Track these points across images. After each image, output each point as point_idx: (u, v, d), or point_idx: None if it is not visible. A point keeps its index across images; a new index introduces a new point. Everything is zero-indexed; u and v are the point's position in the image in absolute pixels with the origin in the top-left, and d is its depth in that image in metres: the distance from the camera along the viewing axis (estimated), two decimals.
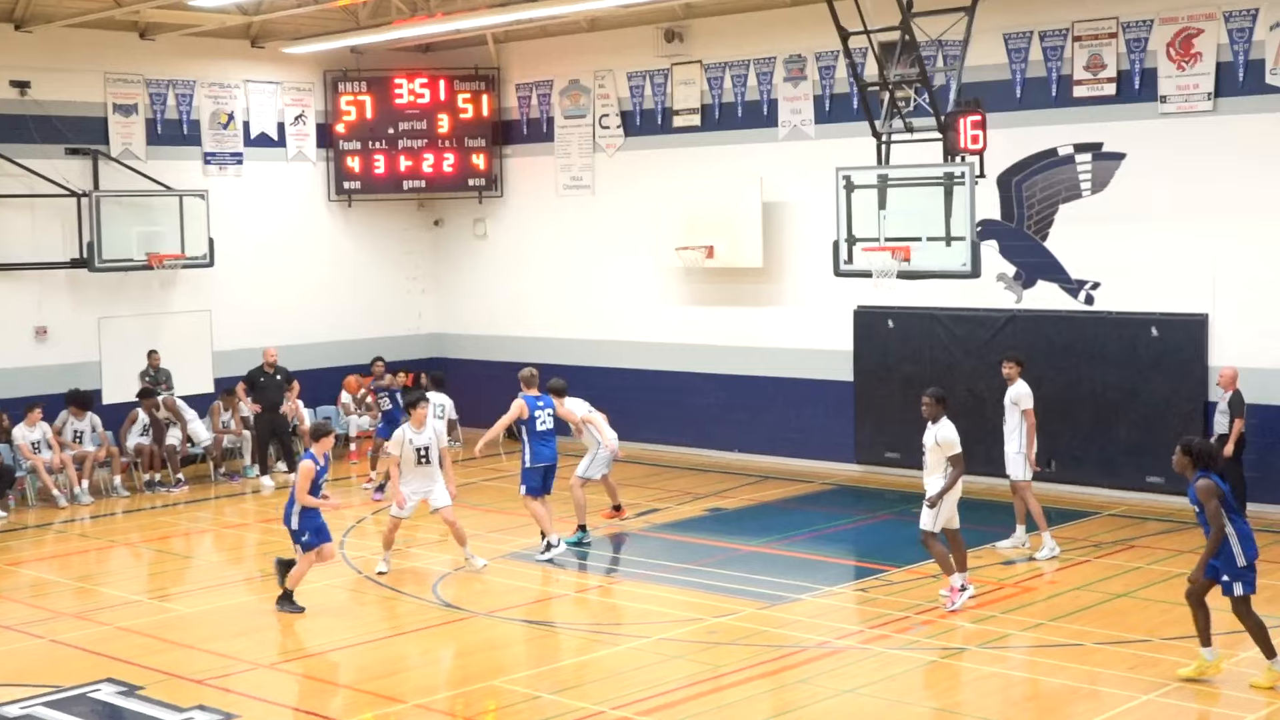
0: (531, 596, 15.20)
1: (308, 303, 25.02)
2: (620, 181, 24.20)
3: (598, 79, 24.32)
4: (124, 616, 14.67)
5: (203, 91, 23.72)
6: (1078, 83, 19.30)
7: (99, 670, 12.73)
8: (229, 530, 19.15)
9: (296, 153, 25.02)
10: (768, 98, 22.26)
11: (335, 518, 19.34)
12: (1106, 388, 19.23)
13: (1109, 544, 16.73)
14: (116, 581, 16.40)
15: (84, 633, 14.06)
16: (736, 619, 13.94)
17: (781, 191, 22.09)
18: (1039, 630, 13.34)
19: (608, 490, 17.69)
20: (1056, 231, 19.67)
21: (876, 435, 21.35)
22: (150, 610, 14.94)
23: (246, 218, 24.20)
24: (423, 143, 25.45)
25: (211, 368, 23.45)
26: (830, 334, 21.73)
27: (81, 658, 13.19)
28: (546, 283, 25.34)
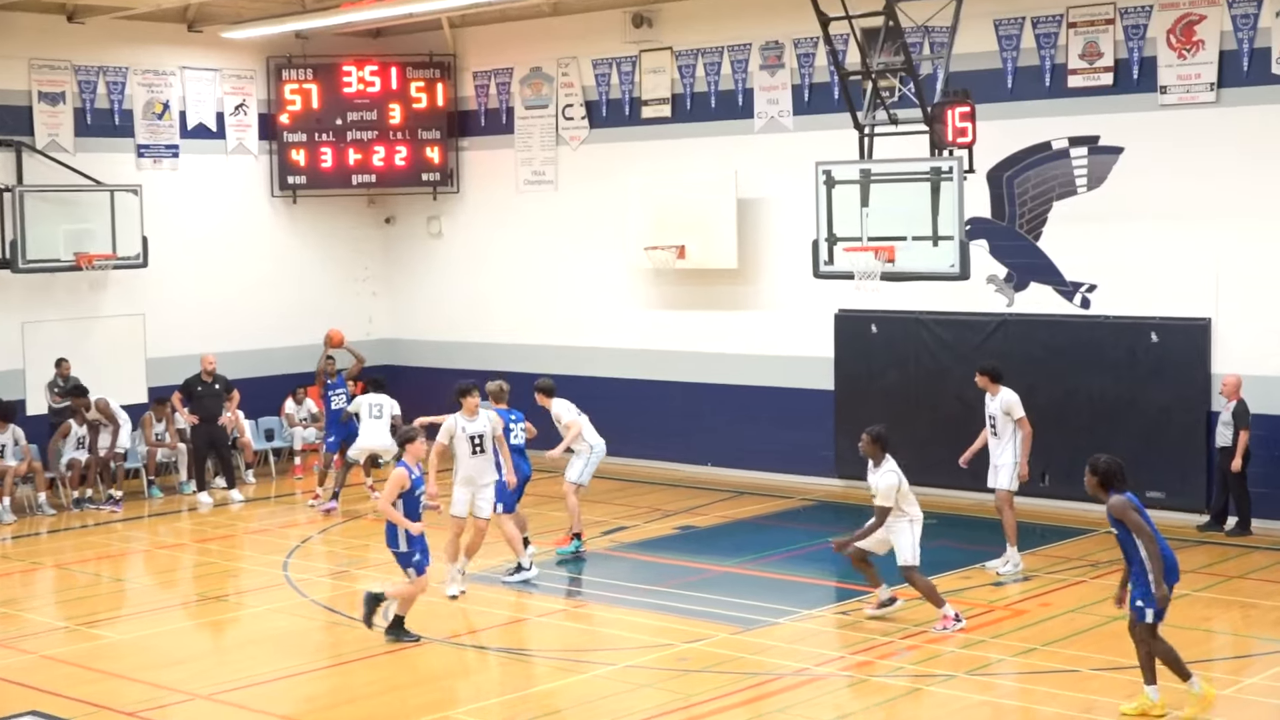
0: (490, 621, 15.16)
1: (249, 306, 24.93)
2: (585, 176, 24.21)
3: (561, 67, 24.32)
4: (50, 644, 14.57)
5: (136, 79, 23.62)
6: (1072, 72, 19.40)
7: (23, 702, 12.63)
8: (163, 551, 19.06)
9: (237, 145, 24.93)
10: (743, 87, 22.30)
11: (279, 536, 19.32)
12: (1103, 397, 19.32)
13: (1106, 563, 16.77)
14: (42, 607, 16.30)
15: (7, 662, 13.96)
16: (709, 645, 13.93)
17: (757, 187, 22.12)
18: (1031, 656, 13.37)
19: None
20: (1050, 230, 19.76)
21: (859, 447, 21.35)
22: (78, 638, 14.85)
23: (183, 215, 24.10)
24: (373, 134, 25.41)
25: (145, 376, 23.31)
26: (810, 340, 21.77)
27: (3, 689, 13.09)
28: (506, 285, 25.32)
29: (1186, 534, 18.07)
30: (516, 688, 13.00)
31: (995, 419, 16.37)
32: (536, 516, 18.85)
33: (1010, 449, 16.28)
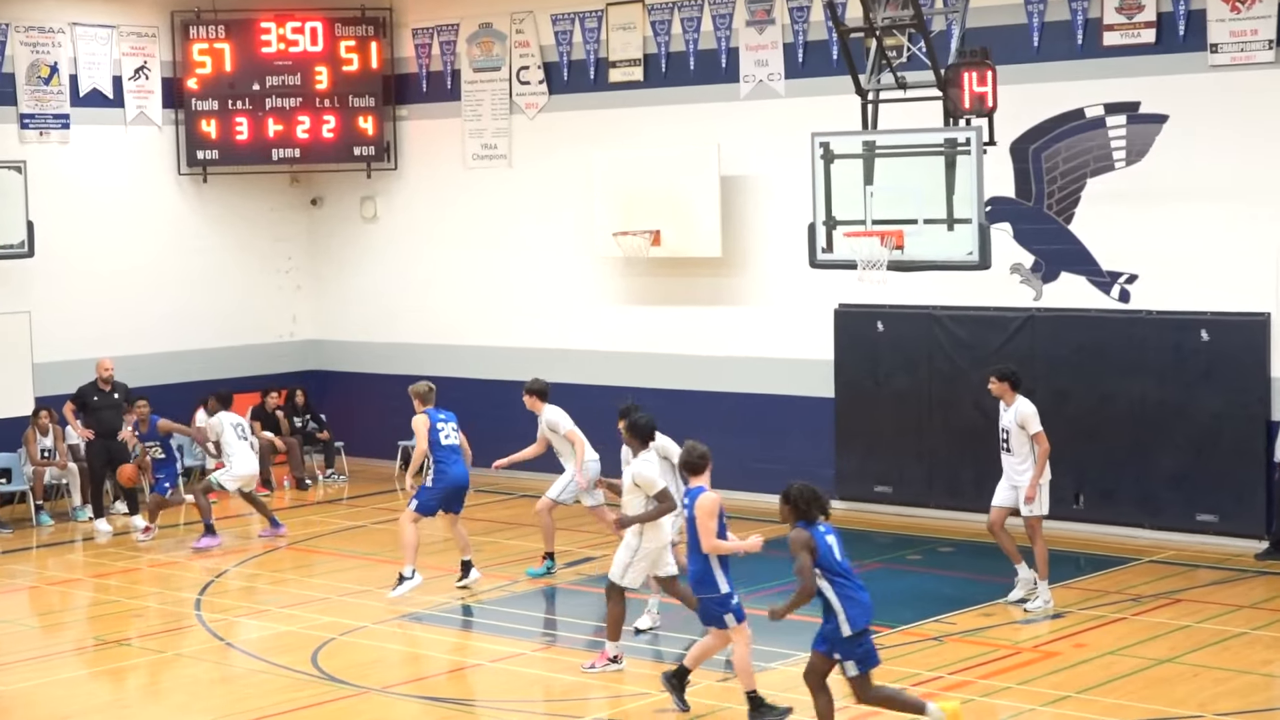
0: (436, 666, 15.17)
1: (153, 303, 24.91)
2: (543, 150, 24.25)
3: (515, 23, 24.37)
4: None
5: (18, 38, 23.58)
6: (1109, 28, 19.50)
7: None
8: (54, 588, 19.02)
9: (137, 114, 24.91)
10: (726, 46, 22.37)
11: (190, 570, 19.30)
12: (1145, 404, 19.42)
13: (1149, 597, 16.88)
14: None
15: None
16: (693, 694, 13.95)
17: (744, 163, 22.20)
18: (1065, 705, 13.43)
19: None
20: (1084, 212, 19.86)
21: (864, 464, 21.46)
22: None
23: (75, 196, 24.10)
24: (296, 102, 25.41)
25: (31, 383, 23.25)
26: (806, 339, 21.85)
27: None
28: (452, 277, 25.35)
29: (1244, 563, 18.20)
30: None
31: (1009, 433, 16.36)
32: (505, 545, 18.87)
33: (1029, 467, 16.30)
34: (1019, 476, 16.32)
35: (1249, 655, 14.76)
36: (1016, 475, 16.35)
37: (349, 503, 23.11)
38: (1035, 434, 16.17)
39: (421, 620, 16.63)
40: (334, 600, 17.31)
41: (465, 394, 23.55)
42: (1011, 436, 16.30)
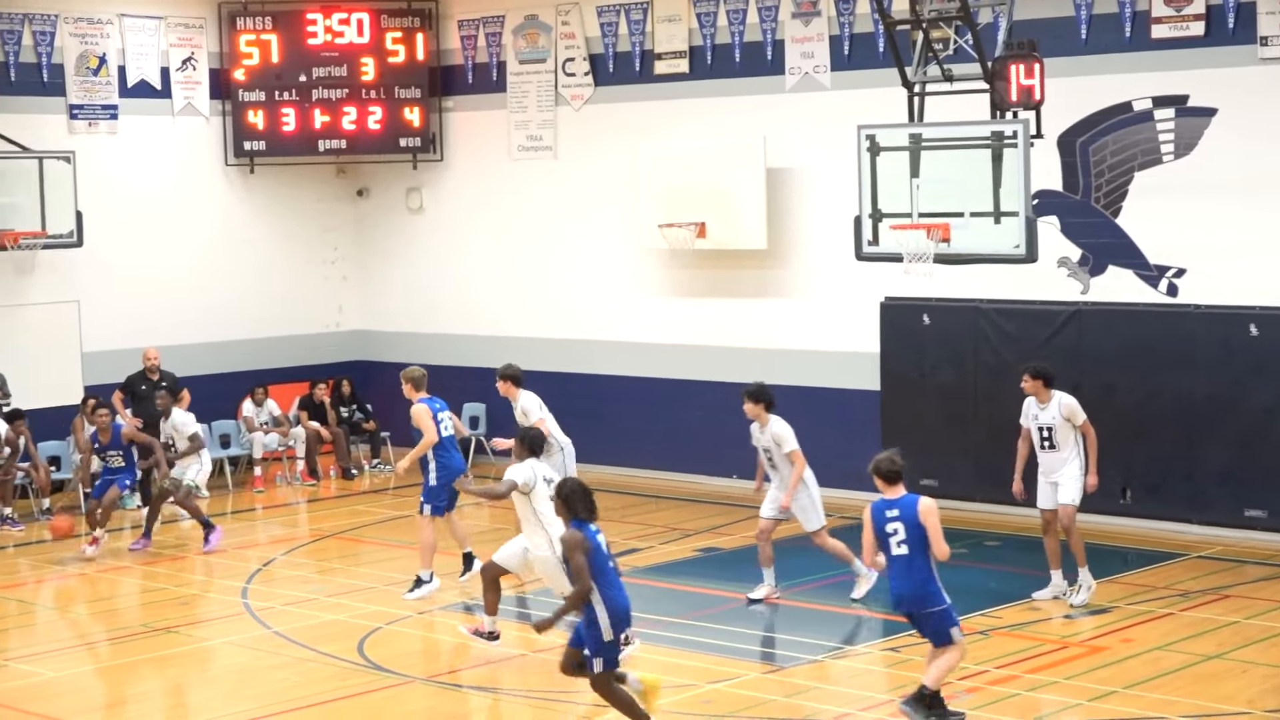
0: (480, 657, 15.21)
1: (199, 293, 25.01)
2: (588, 142, 24.27)
3: (561, 14, 24.38)
4: None
5: (67, 29, 23.70)
6: (1157, 21, 19.41)
7: None
8: (104, 575, 19.13)
9: (185, 105, 25.02)
10: (772, 38, 22.35)
11: (238, 559, 19.39)
12: (1194, 399, 19.33)
13: (1197, 593, 16.82)
14: None
15: None
16: (737, 685, 13.98)
17: (789, 155, 22.17)
18: (1112, 700, 13.40)
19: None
20: (1132, 205, 19.79)
21: (909, 457, 21.32)
22: (8, 674, 14.92)
23: (123, 186, 24.21)
24: (343, 93, 25.48)
25: (80, 372, 23.41)
26: (851, 332, 21.83)
27: None
28: (498, 268, 25.39)
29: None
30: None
31: (1053, 429, 16.18)
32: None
33: (1076, 461, 16.20)
34: (1060, 473, 16.18)
35: None
36: (1057, 472, 16.21)
37: (394, 493, 23.18)
38: (1082, 423, 16.12)
39: (468, 610, 16.67)
40: (380, 590, 17.36)
41: None
42: (1056, 431, 16.17)
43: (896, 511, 12.31)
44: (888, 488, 12.52)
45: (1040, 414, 16.26)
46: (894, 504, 12.38)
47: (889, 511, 12.34)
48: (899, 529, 12.28)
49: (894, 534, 12.28)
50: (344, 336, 26.87)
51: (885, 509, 12.38)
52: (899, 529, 12.28)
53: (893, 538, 12.28)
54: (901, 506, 12.35)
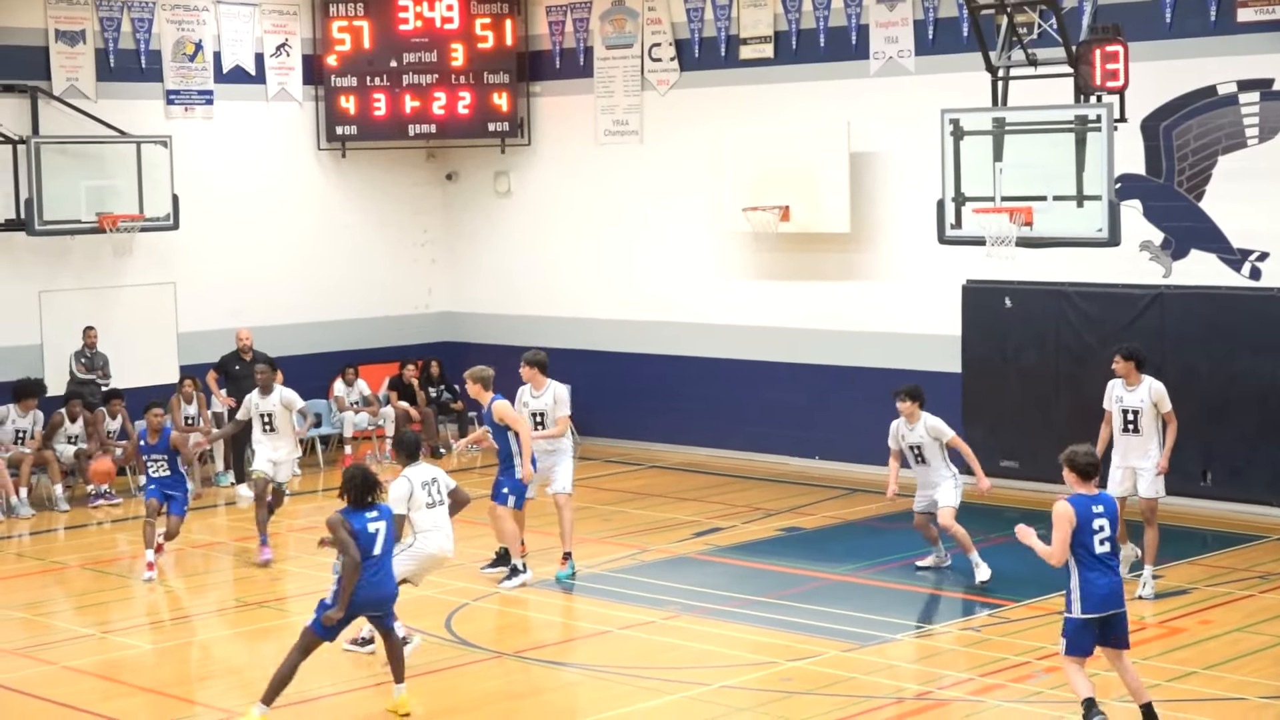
0: (565, 633, 15.31)
1: (292, 275, 25.24)
2: (674, 127, 24.30)
3: (647, 0, 24.41)
4: (72, 654, 14.88)
5: (164, 16, 23.93)
6: (1243, 5, 19.24)
7: (43, 717, 12.93)
8: (197, 551, 19.36)
9: (278, 90, 25.22)
10: (856, 23, 22.30)
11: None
12: (1276, 383, 19.19)
13: (1277, 575, 16.71)
14: (64, 612, 16.61)
15: (25, 673, 14.27)
16: (817, 663, 14.02)
17: (873, 140, 22.14)
18: (1191, 680, 13.35)
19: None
20: (1215, 189, 19.64)
21: (990, 439, 21.33)
22: (104, 647, 15.15)
23: (218, 170, 24.43)
24: (432, 79, 25.61)
25: (176, 352, 23.68)
26: (933, 315, 21.78)
27: (22, 702, 13.40)
28: (583, 250, 25.48)
29: None
30: (595, 710, 13.14)
31: (1139, 413, 16.00)
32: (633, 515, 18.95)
33: (1157, 449, 16.05)
34: (1143, 459, 15.96)
35: None
36: (1139, 457, 15.98)
37: (481, 471, 23.26)
38: (1168, 412, 15.94)
39: (552, 588, 16.78)
40: (467, 566, 17.47)
41: (594, 366, 23.72)
42: (1142, 416, 15.93)
43: (1101, 508, 11.61)
44: (1083, 484, 11.69)
45: (1127, 396, 16.05)
46: (1096, 500, 11.67)
47: (1095, 507, 11.59)
48: (1104, 526, 11.59)
49: (1100, 530, 11.55)
50: (432, 318, 27.03)
51: (1090, 504, 11.60)
52: (1104, 526, 11.59)
53: (1098, 535, 11.54)
54: (1104, 503, 11.71)
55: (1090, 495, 11.66)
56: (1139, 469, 16.00)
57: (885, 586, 16.77)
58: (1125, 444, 16.10)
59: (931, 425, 16.77)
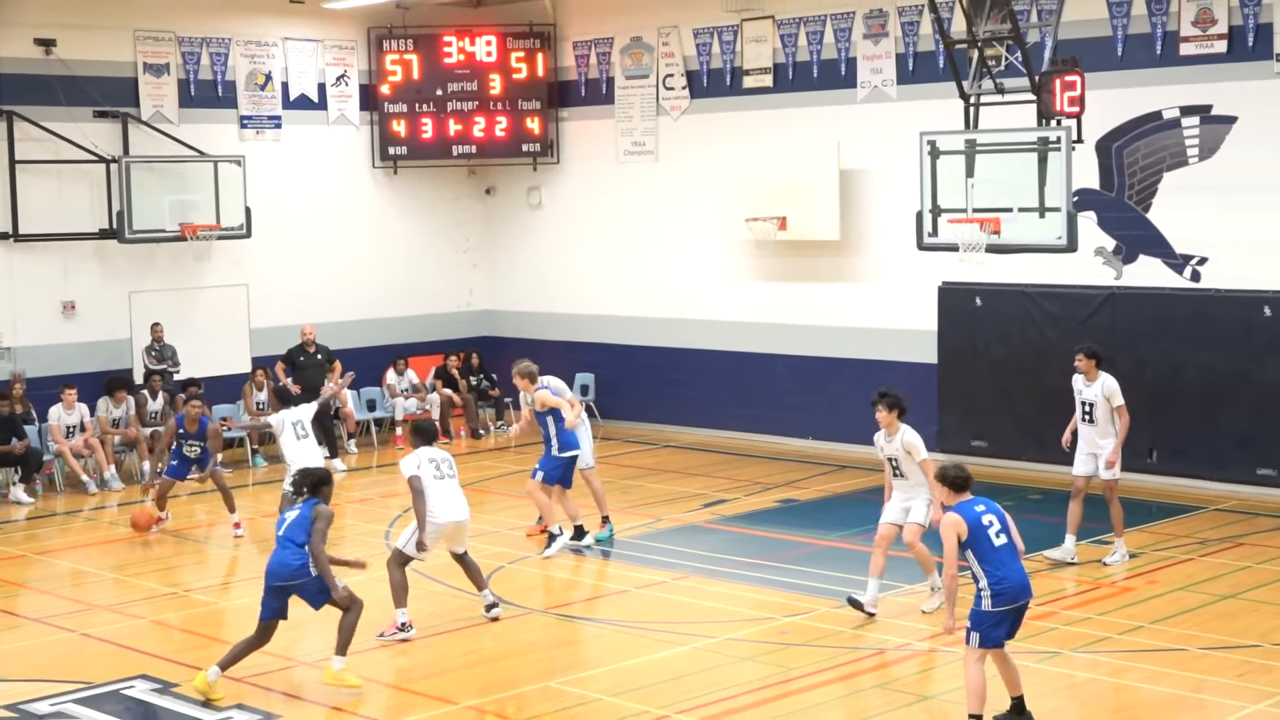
0: (590, 592, 15.30)
1: (350, 277, 25.24)
2: (685, 147, 24.25)
3: (662, 36, 24.36)
4: (158, 610, 14.95)
5: (238, 50, 23.95)
6: (1185, 39, 19.16)
7: (133, 666, 12.98)
8: (266, 519, 19.36)
9: (338, 116, 25.22)
10: (846, 56, 22.24)
11: (381, 505, 19.58)
12: (1214, 372, 19.12)
13: (1215, 541, 16.66)
14: (151, 573, 16.64)
15: (118, 627, 14.33)
16: (810, 618, 14.01)
17: (860, 158, 22.07)
18: (1139, 634, 13.32)
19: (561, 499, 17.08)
20: (1160, 202, 19.56)
21: (963, 422, 21.33)
22: (185, 604, 15.20)
23: (285, 185, 24.44)
24: (473, 105, 25.59)
25: (249, 345, 23.71)
26: (913, 312, 21.72)
27: (113, 652, 13.45)
28: (606, 256, 25.44)
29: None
30: (616, 659, 13.13)
31: (1094, 406, 15.89)
32: (650, 488, 18.91)
33: (1114, 437, 15.92)
34: (1099, 446, 15.87)
35: None
36: (1096, 445, 15.88)
37: (515, 450, 23.29)
38: (1118, 406, 15.84)
39: (579, 552, 16.77)
40: (503, 533, 17.48)
41: (614, 357, 23.69)
42: (1097, 409, 15.82)
43: (983, 507, 10.90)
44: (958, 495, 10.99)
45: (1085, 390, 15.93)
46: (977, 501, 10.96)
47: (978, 508, 10.89)
48: (994, 520, 10.84)
49: (990, 525, 10.81)
50: (473, 315, 27.02)
51: (973, 507, 10.91)
52: (994, 520, 10.84)
53: (990, 529, 10.80)
54: (986, 503, 10.98)
55: (970, 500, 10.94)
56: (1096, 454, 15.93)
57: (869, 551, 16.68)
58: (1084, 432, 16.03)
59: (908, 441, 14.18)
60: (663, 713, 11.59)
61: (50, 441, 20.70)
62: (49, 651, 13.60)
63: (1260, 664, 12.40)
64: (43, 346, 22.06)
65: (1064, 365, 18.99)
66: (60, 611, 14.89)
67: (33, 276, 22.02)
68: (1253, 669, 12.27)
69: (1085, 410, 15.93)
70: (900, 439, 14.19)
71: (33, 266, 22.02)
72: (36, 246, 22.01)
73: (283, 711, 11.80)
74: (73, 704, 12.01)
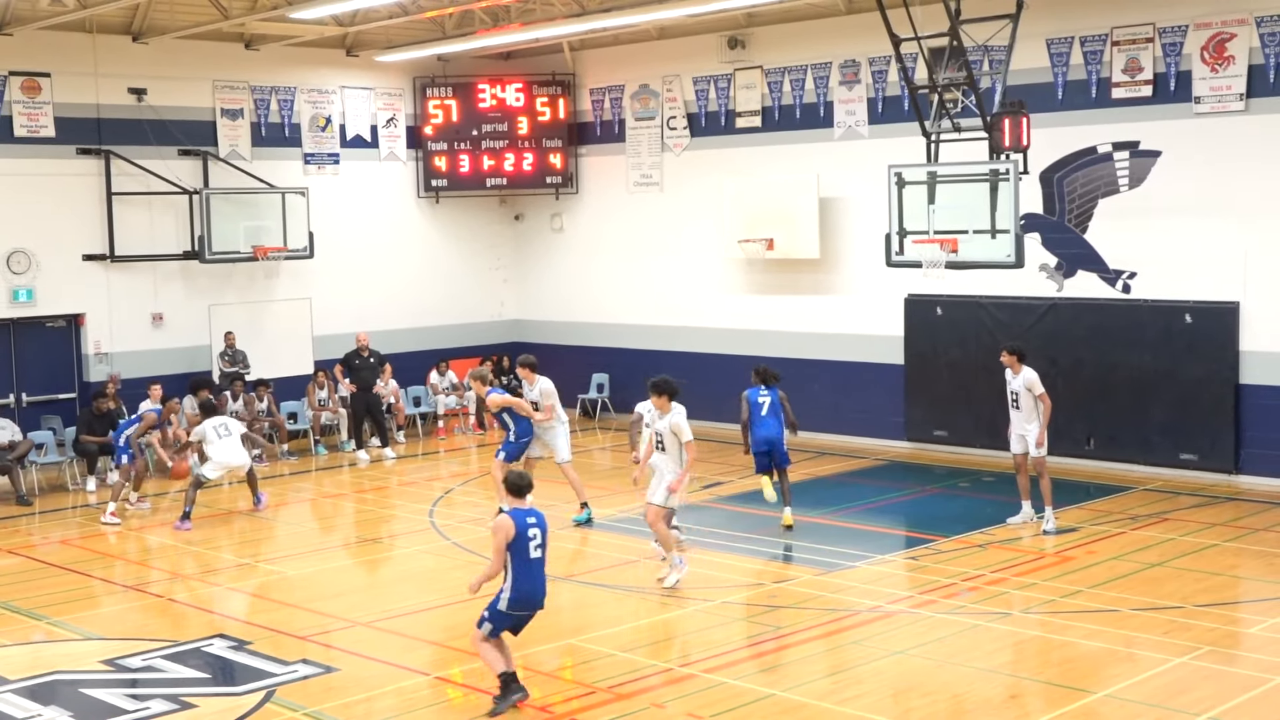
0: (607, 562, 15.26)
1: (398, 291, 25.21)
2: (687, 179, 24.20)
3: (666, 83, 24.32)
4: (234, 578, 14.91)
5: (302, 97, 23.94)
6: (1116, 84, 19.11)
7: (211, 627, 12.96)
8: (327, 500, 19.36)
9: (388, 153, 25.19)
10: (824, 100, 22.19)
11: (426, 488, 19.55)
12: (1143, 371, 19.05)
13: (1144, 517, 16.59)
14: (228, 546, 16.62)
15: (198, 592, 14.31)
16: (795, 585, 13.95)
17: (837, 188, 22.01)
18: (1078, 597, 13.26)
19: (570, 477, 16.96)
20: (1096, 224, 19.50)
21: (926, 414, 21.27)
22: (257, 573, 15.17)
23: (343, 213, 24.41)
24: (504, 143, 25.55)
25: (311, 350, 23.69)
26: (883, 320, 21.66)
27: (195, 615, 13.42)
28: (618, 272, 25.40)
29: (1217, 491, 17.83)
30: (629, 620, 13.09)
31: (1019, 395, 15.90)
32: None
33: (1037, 421, 15.92)
34: (1026, 429, 15.88)
35: (1220, 561, 14.48)
36: (1024, 428, 15.91)
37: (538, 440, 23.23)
38: (1040, 394, 15.82)
39: (594, 527, 16.72)
40: None
41: (625, 359, 23.63)
42: (1021, 398, 15.88)
43: (534, 519, 10.41)
44: (518, 500, 10.50)
45: (1011, 381, 16.02)
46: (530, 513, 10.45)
47: (529, 519, 10.38)
48: (538, 534, 10.37)
49: (534, 539, 10.33)
50: (504, 324, 26.98)
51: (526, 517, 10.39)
52: (538, 534, 10.37)
53: (532, 542, 10.33)
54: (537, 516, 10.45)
55: (525, 509, 10.42)
56: (1024, 435, 15.93)
57: (846, 526, 16.69)
58: (1014, 417, 16.09)
59: (675, 423, 13.91)
60: (668, 665, 11.54)
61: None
62: (140, 614, 13.58)
63: (1183, 623, 12.34)
64: (135, 352, 22.04)
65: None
66: (150, 579, 14.87)
67: (126, 292, 22.01)
68: (1177, 627, 12.20)
69: (1013, 398, 16.02)
70: (669, 420, 14.01)
71: (127, 284, 22.01)
72: (130, 266, 22.01)
73: (342, 665, 11.76)
74: (161, 659, 11.99)
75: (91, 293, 21.75)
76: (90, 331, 21.79)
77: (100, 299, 21.84)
